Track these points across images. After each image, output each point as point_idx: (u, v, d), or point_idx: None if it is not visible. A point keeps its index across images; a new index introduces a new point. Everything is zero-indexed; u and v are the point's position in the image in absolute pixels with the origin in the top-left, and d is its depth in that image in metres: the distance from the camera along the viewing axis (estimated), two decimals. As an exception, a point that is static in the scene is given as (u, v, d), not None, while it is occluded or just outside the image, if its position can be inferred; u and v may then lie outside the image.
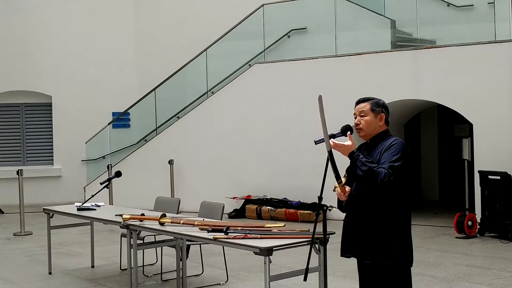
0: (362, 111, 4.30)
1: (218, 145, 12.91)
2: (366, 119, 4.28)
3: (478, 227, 9.55)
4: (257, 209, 11.89)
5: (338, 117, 4.73)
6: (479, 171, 9.72)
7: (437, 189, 13.94)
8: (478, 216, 9.67)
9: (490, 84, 10.04)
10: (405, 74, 10.86)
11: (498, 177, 9.36)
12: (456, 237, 9.42)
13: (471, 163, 10.05)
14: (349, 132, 4.20)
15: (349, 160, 4.16)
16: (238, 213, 12.10)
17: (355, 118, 4.34)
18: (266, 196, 12.12)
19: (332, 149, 4.09)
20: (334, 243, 4.62)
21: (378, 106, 4.30)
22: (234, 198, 12.30)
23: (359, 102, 4.36)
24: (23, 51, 15.31)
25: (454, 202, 11.90)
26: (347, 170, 4.31)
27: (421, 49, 10.99)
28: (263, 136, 12.37)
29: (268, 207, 11.77)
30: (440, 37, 11.70)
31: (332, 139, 4.13)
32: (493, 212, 9.43)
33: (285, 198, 11.88)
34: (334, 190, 4.19)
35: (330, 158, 4.07)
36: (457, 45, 10.46)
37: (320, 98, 4.08)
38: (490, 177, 9.50)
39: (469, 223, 9.44)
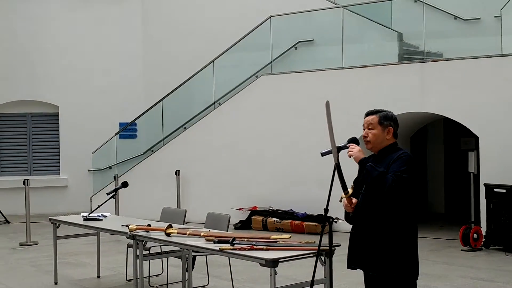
0: (370, 123, 4.30)
1: (225, 156, 12.93)
2: (373, 132, 4.28)
3: (483, 240, 9.53)
4: (263, 220, 11.89)
5: (345, 129, 4.75)
6: (484, 184, 9.71)
7: (443, 202, 13.92)
8: (484, 229, 9.65)
9: (496, 97, 10.04)
10: (412, 87, 10.87)
11: (504, 190, 9.34)
12: (461, 250, 9.40)
13: (477, 176, 10.04)
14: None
15: (356, 171, 4.17)
16: (244, 224, 12.10)
17: (364, 130, 4.35)
18: (272, 207, 12.12)
19: (339, 160, 4.10)
20: (340, 255, 4.63)
21: (387, 120, 4.30)
22: (240, 209, 12.30)
23: (368, 114, 4.37)
24: (30, 61, 15.37)
25: (460, 215, 11.88)
26: (355, 182, 4.32)
27: (428, 62, 11.00)
28: (270, 147, 12.39)
29: (274, 219, 11.77)
30: (447, 50, 11.71)
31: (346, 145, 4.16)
32: (498, 225, 9.41)
33: (291, 210, 11.87)
34: (340, 201, 4.20)
35: (337, 168, 4.08)
36: (464, 58, 10.47)
37: (327, 104, 4.09)
38: (495, 190, 9.49)
39: (475, 236, 9.42)
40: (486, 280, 7.50)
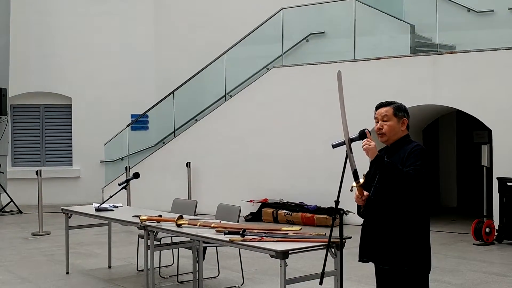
0: (385, 115, 4.25)
1: (236, 148, 12.93)
2: (389, 123, 4.23)
3: (496, 234, 9.48)
4: (273, 212, 11.89)
5: (357, 122, 4.72)
6: (497, 178, 9.66)
7: (456, 195, 13.87)
8: (496, 223, 9.60)
9: (509, 90, 9.97)
10: (424, 79, 10.82)
11: (517, 184, 9.29)
12: (473, 244, 9.36)
13: (489, 169, 9.98)
14: (369, 135, 4.16)
15: (367, 164, 4.13)
16: (254, 217, 12.11)
17: (377, 122, 4.29)
18: (282, 199, 12.12)
19: (350, 142, 4.06)
20: (351, 248, 4.62)
21: (401, 111, 4.26)
22: (250, 201, 12.31)
23: (380, 106, 4.31)
24: (43, 53, 15.45)
25: (472, 209, 11.82)
26: (367, 174, 4.29)
27: (441, 54, 10.94)
28: (281, 139, 12.38)
29: (284, 211, 11.77)
30: (460, 43, 11.63)
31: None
32: (511, 219, 9.35)
33: (301, 202, 11.86)
34: (351, 190, 4.15)
35: (349, 146, 4.01)
36: (476, 51, 10.40)
37: (339, 74, 4.05)
38: (508, 183, 9.43)
39: (487, 230, 9.38)
40: (499, 275, 7.46)
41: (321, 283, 4.24)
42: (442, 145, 14.09)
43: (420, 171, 3.97)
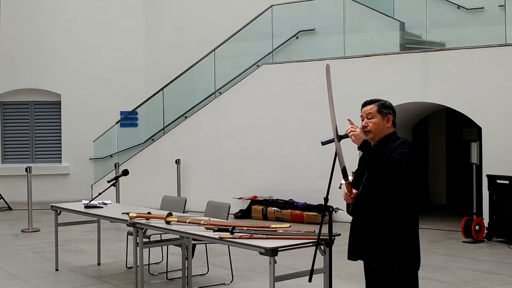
0: (369, 113, 4.26)
1: (225, 146, 12.92)
2: (373, 121, 4.24)
3: (485, 231, 9.50)
4: (263, 210, 11.88)
5: (346, 119, 4.71)
6: (487, 175, 9.68)
7: (445, 193, 13.90)
8: (486, 220, 9.62)
9: (499, 87, 10.00)
10: (414, 77, 10.83)
11: (507, 182, 9.31)
12: (463, 242, 9.39)
13: (479, 167, 10.01)
14: (352, 122, 4.14)
15: (356, 161, 4.13)
16: (244, 214, 12.10)
17: (362, 120, 4.30)
18: (272, 197, 12.12)
19: (339, 141, 4.05)
20: (340, 245, 4.61)
21: (385, 108, 4.26)
22: (240, 198, 12.30)
23: (365, 104, 4.32)
24: (33, 50, 15.38)
25: (462, 206, 11.87)
26: (356, 172, 4.29)
27: (430, 51, 10.95)
28: (270, 137, 12.37)
29: (274, 208, 11.77)
30: (450, 40, 11.65)
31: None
32: (501, 217, 9.38)
33: (291, 200, 11.87)
34: (340, 187, 4.15)
35: (338, 142, 4.00)
36: (466, 48, 10.42)
37: (327, 67, 4.04)
38: (498, 181, 9.46)
39: (477, 227, 9.40)
40: (488, 273, 7.48)
41: (310, 280, 4.24)
42: (432, 142, 14.13)
43: (406, 159, 3.96)
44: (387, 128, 4.25)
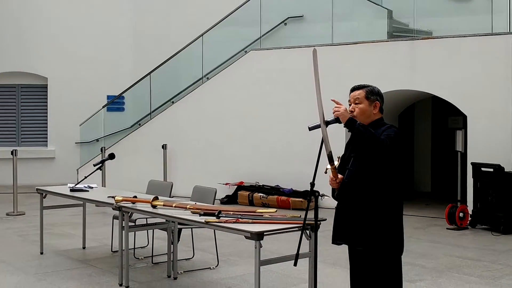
0: (356, 98, 4.28)
1: (212, 131, 12.91)
2: (360, 106, 4.26)
3: (469, 219, 9.59)
4: (249, 195, 11.91)
5: (333, 105, 4.73)
6: (472, 163, 9.76)
7: (430, 180, 14.00)
8: (470, 208, 9.71)
9: (485, 76, 10.06)
10: (401, 65, 10.87)
11: (491, 170, 9.39)
12: (447, 228, 9.47)
13: (464, 155, 10.08)
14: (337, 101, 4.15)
15: (343, 147, 4.15)
16: (230, 199, 12.12)
17: (350, 105, 4.32)
18: (258, 183, 12.14)
19: (326, 127, 4.06)
20: (325, 231, 4.64)
21: (373, 94, 4.28)
22: (226, 184, 12.32)
23: (353, 89, 4.34)
24: (20, 32, 15.27)
25: (446, 194, 11.95)
26: (342, 157, 4.31)
27: (418, 39, 10.99)
28: (257, 123, 12.38)
29: (260, 194, 11.80)
30: (437, 29, 11.68)
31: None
32: (485, 204, 9.46)
33: (277, 185, 11.90)
34: (325, 172, 4.17)
35: (324, 135, 4.02)
36: (453, 37, 10.47)
37: (314, 52, 4.05)
38: (483, 169, 9.53)
39: (461, 214, 9.48)
40: (472, 259, 7.55)
41: (295, 265, 4.26)
42: (417, 130, 14.19)
43: (392, 139, 3.98)
44: (374, 114, 4.27)
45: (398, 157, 4.07)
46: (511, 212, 9.13)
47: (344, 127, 4.08)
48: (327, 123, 4.14)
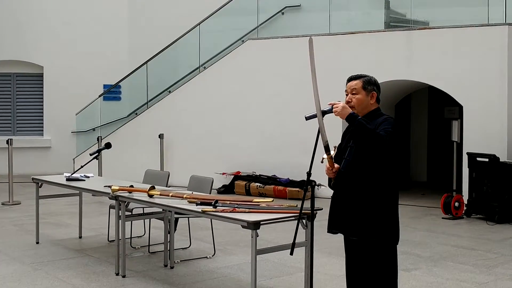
0: (353, 88, 4.26)
1: (209, 121, 12.91)
2: (357, 97, 4.25)
3: (465, 208, 9.63)
4: (246, 185, 11.92)
5: (330, 95, 4.73)
6: (467, 153, 9.79)
7: (426, 170, 14.03)
8: (465, 197, 9.75)
9: (481, 67, 10.07)
10: (398, 55, 10.87)
11: (487, 160, 9.42)
12: (442, 218, 9.50)
13: (460, 145, 10.11)
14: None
15: (339, 137, 4.15)
16: (227, 189, 12.14)
17: (346, 95, 4.32)
18: (255, 172, 12.16)
19: (323, 117, 4.06)
20: (322, 220, 4.65)
21: (370, 84, 4.27)
22: (223, 174, 12.33)
23: (350, 79, 4.33)
24: (16, 21, 15.21)
25: (442, 183, 11.99)
26: (338, 146, 4.31)
27: (414, 30, 10.99)
28: (254, 112, 12.38)
29: (257, 184, 11.81)
30: (434, 19, 11.68)
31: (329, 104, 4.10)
32: (480, 194, 9.50)
33: (274, 175, 11.91)
34: (322, 162, 4.17)
35: (321, 125, 4.01)
36: (450, 27, 10.47)
37: (310, 41, 4.04)
38: (478, 159, 9.57)
39: (456, 204, 9.52)
40: (467, 248, 7.58)
41: (291, 254, 4.27)
42: (414, 120, 14.22)
43: (390, 136, 3.99)
44: (370, 105, 4.27)
45: (395, 148, 4.08)
46: (506, 202, 9.17)
47: (343, 135, 4.08)
48: (324, 113, 4.14)
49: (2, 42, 15.21)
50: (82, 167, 7.63)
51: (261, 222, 4.70)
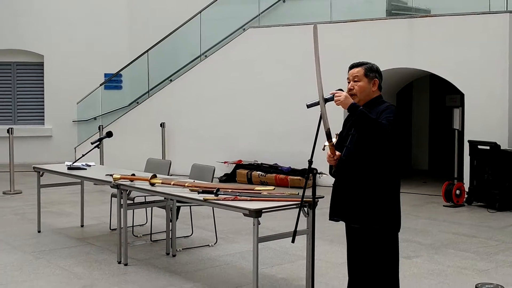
0: (355, 76, 4.25)
1: (210, 109, 12.89)
2: (359, 84, 4.23)
3: (466, 196, 9.64)
4: (247, 174, 11.93)
5: (332, 83, 4.72)
6: (469, 141, 9.79)
7: (427, 158, 14.03)
8: (467, 185, 9.76)
9: (483, 55, 10.05)
10: (399, 43, 10.84)
11: (488, 147, 9.42)
12: (444, 206, 9.51)
13: (461, 133, 10.10)
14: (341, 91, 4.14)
15: (341, 124, 4.13)
16: (228, 178, 12.15)
17: (348, 83, 4.30)
18: (257, 161, 12.16)
19: (325, 104, 4.05)
20: (323, 208, 4.66)
21: (372, 71, 4.26)
22: (225, 162, 12.33)
23: (352, 66, 4.31)
24: (15, 10, 15.16)
25: (443, 171, 11.99)
26: (340, 134, 4.30)
27: (416, 17, 10.95)
28: (256, 101, 12.36)
29: (258, 172, 11.82)
30: (435, 7, 11.65)
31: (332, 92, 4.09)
32: (481, 182, 9.51)
33: (275, 164, 11.91)
34: (323, 149, 4.16)
35: (323, 112, 4.00)
36: (451, 15, 10.44)
37: (315, 28, 4.03)
38: (479, 147, 9.57)
39: (457, 192, 9.53)
40: (468, 236, 7.60)
41: (293, 241, 4.27)
42: (415, 108, 14.20)
43: (392, 125, 3.98)
44: (372, 92, 4.25)
45: (397, 136, 4.06)
46: (507, 190, 9.17)
47: (344, 122, 4.08)
48: (326, 100, 4.12)
49: (2, 31, 15.17)
50: (83, 156, 7.64)
51: (263, 210, 4.71)
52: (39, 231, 7.70)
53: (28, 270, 6.05)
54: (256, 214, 4.64)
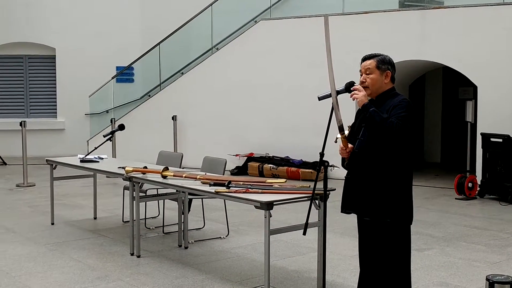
0: (368, 68, 4.22)
1: (222, 102, 12.90)
2: (371, 76, 4.21)
3: (478, 189, 9.61)
4: (259, 166, 11.93)
5: (344, 75, 4.71)
6: (481, 134, 9.74)
7: (440, 151, 13.98)
8: (479, 178, 9.72)
9: (496, 46, 9.98)
10: (412, 35, 10.79)
11: (500, 140, 9.37)
12: (456, 198, 9.48)
13: (474, 125, 10.05)
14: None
15: (353, 117, 4.13)
16: (240, 171, 12.15)
17: (361, 75, 4.28)
18: (268, 154, 12.16)
19: (337, 96, 4.05)
20: (335, 201, 4.66)
21: (384, 63, 4.23)
22: (236, 155, 12.35)
23: (364, 59, 4.28)
24: (28, 3, 15.21)
25: (456, 164, 11.94)
26: (352, 126, 4.29)
27: (429, 9, 10.89)
28: (267, 93, 12.36)
29: (270, 165, 11.82)
30: (448, -2, 11.60)
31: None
32: (493, 175, 9.47)
33: (287, 157, 11.91)
34: (335, 142, 4.15)
35: (335, 105, 4.00)
36: (464, 7, 10.37)
37: (326, 19, 4.01)
38: (492, 139, 9.52)
39: (470, 184, 9.49)
40: (480, 228, 7.58)
41: (304, 233, 4.28)
42: (428, 100, 14.14)
43: (403, 122, 3.97)
44: (385, 84, 4.23)
45: (409, 130, 4.04)
46: (521, 183, 9.13)
47: (356, 114, 4.08)
48: (338, 93, 4.12)
49: (14, 24, 15.23)
50: (96, 148, 7.68)
51: (274, 203, 4.72)
52: (52, 223, 7.75)
53: (41, 262, 6.10)
54: (268, 206, 4.65)
